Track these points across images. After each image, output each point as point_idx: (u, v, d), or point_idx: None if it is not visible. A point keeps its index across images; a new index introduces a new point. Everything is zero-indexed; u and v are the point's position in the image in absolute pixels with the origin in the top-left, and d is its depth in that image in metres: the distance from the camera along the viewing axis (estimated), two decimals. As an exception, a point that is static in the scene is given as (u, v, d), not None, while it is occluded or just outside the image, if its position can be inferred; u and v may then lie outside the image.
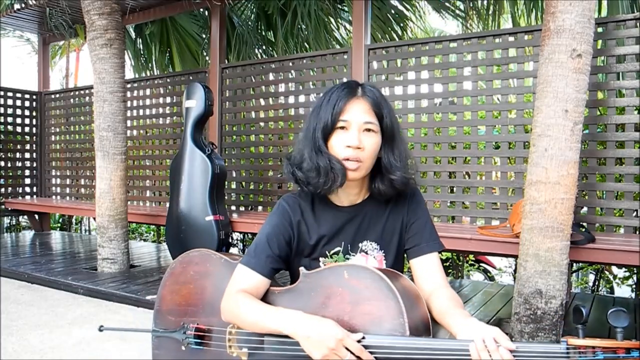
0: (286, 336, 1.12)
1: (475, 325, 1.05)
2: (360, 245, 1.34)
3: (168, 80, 5.16)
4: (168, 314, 1.43)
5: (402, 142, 1.32)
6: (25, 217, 6.58)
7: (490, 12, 5.08)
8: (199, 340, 1.33)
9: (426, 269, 1.31)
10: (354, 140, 1.22)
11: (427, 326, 1.14)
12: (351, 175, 1.24)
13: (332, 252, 1.33)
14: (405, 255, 1.40)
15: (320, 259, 1.33)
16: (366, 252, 1.34)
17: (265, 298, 1.26)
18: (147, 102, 5.34)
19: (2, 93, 5.97)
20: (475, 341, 1.00)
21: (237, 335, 1.28)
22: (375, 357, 1.07)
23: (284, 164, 1.35)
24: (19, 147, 6.17)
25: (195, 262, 1.42)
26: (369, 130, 1.24)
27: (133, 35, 6.70)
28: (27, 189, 6.27)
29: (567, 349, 0.97)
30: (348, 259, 1.34)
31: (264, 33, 6.36)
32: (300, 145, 1.31)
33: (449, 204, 3.57)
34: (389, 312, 1.07)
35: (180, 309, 1.40)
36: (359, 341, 1.07)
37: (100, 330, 1.49)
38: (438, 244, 1.34)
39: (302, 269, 1.23)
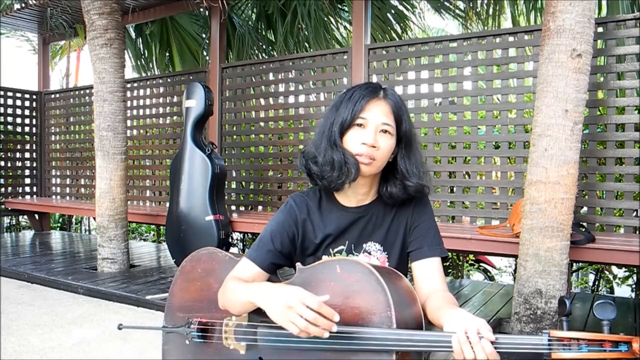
0: (276, 326, 1.13)
1: (461, 316, 1.04)
2: (364, 245, 1.35)
3: (168, 80, 5.16)
4: (177, 310, 1.47)
5: (418, 150, 1.34)
6: (25, 216, 6.59)
7: (490, 12, 5.09)
8: (202, 334, 1.36)
9: (426, 272, 1.31)
10: (370, 139, 1.23)
11: (420, 326, 1.15)
12: (364, 169, 1.25)
13: (335, 251, 1.34)
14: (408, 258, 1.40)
15: (324, 257, 1.34)
16: (369, 253, 1.34)
17: None
18: (147, 102, 5.34)
19: (2, 93, 5.98)
20: (458, 333, 1.00)
21: (233, 327, 1.30)
22: (360, 349, 1.08)
23: (299, 158, 1.36)
24: (19, 147, 6.17)
25: (204, 260, 1.46)
26: (385, 131, 1.26)
27: (133, 35, 6.70)
28: (27, 189, 6.28)
29: (549, 341, 0.96)
30: None
31: (264, 33, 6.36)
32: (316, 139, 1.32)
33: (449, 204, 3.57)
34: (377, 305, 1.08)
35: (188, 305, 1.45)
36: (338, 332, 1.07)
37: (120, 329, 1.53)
38: (440, 249, 1.34)
39: (298, 264, 1.25)
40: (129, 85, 5.29)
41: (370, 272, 1.11)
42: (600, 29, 3.02)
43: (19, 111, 6.14)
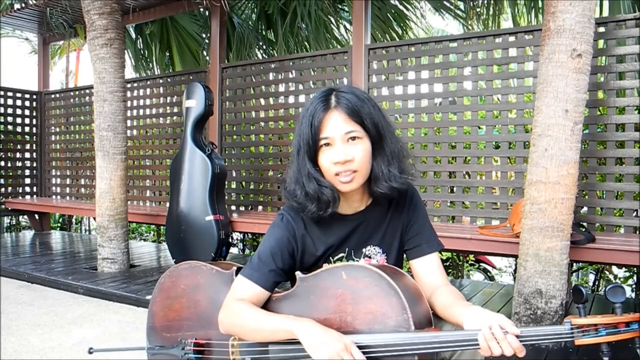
0: (290, 342, 1.11)
1: (480, 313, 1.06)
2: (363, 250, 1.34)
3: (168, 80, 5.16)
4: (162, 330, 1.40)
5: (394, 139, 1.27)
6: (25, 217, 6.59)
7: (491, 12, 5.08)
8: (199, 356, 1.31)
9: (427, 268, 1.32)
10: (340, 156, 1.19)
11: (430, 322, 1.15)
12: (347, 187, 1.22)
13: (335, 258, 1.33)
14: (404, 255, 1.40)
15: (324, 265, 1.32)
16: (369, 257, 1.34)
17: (263, 305, 1.25)
18: (147, 102, 5.34)
19: (2, 93, 5.97)
20: (483, 330, 1.01)
21: (239, 347, 1.26)
22: (384, 356, 1.06)
23: (282, 192, 1.32)
24: (19, 147, 6.17)
25: (185, 276, 1.39)
26: (352, 138, 1.20)
27: (133, 35, 6.70)
28: (27, 189, 6.27)
29: (571, 328, 1.00)
30: None
31: (264, 33, 6.36)
32: (292, 169, 1.28)
33: (449, 204, 3.57)
34: (392, 308, 1.07)
35: (175, 325, 1.38)
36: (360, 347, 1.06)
37: (90, 352, 1.45)
38: (437, 244, 1.35)
39: (298, 273, 1.22)
40: (129, 85, 5.29)
41: (379, 276, 1.09)
42: (600, 29, 3.02)
43: (19, 111, 6.14)
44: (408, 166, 1.30)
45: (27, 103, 6.21)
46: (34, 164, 6.33)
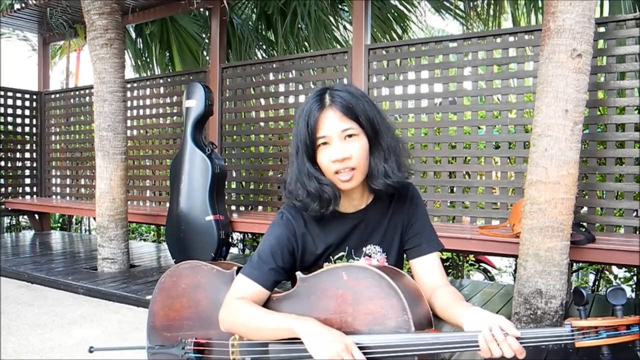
0: (291, 341, 1.12)
1: (480, 314, 1.06)
2: (364, 249, 1.34)
3: (168, 80, 5.16)
4: (163, 330, 1.41)
5: (390, 134, 1.27)
6: (25, 217, 6.59)
7: (491, 12, 5.08)
8: (200, 355, 1.32)
9: (427, 268, 1.32)
10: (338, 154, 1.20)
11: (430, 322, 1.15)
12: (347, 186, 1.23)
13: (335, 257, 1.33)
14: (404, 255, 1.40)
15: (324, 264, 1.33)
16: (370, 256, 1.34)
17: (263, 305, 1.25)
18: (147, 102, 5.34)
19: (2, 93, 5.97)
20: (483, 332, 1.01)
21: (239, 347, 1.26)
22: (384, 357, 1.06)
23: (282, 192, 1.32)
24: (19, 147, 6.17)
25: (186, 275, 1.40)
26: (349, 135, 1.21)
27: (133, 35, 6.70)
28: (27, 189, 6.28)
29: (572, 331, 0.99)
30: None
31: (264, 33, 6.36)
32: (291, 169, 1.28)
33: (449, 204, 3.57)
34: (392, 309, 1.07)
35: (175, 324, 1.38)
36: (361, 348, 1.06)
37: (91, 351, 1.46)
38: (437, 244, 1.35)
39: (298, 274, 1.22)
40: (129, 85, 5.29)
41: (380, 277, 1.10)
42: (600, 29, 3.02)
43: (19, 111, 6.14)
44: (406, 161, 1.30)
45: (27, 103, 6.21)
46: (34, 164, 6.33)
